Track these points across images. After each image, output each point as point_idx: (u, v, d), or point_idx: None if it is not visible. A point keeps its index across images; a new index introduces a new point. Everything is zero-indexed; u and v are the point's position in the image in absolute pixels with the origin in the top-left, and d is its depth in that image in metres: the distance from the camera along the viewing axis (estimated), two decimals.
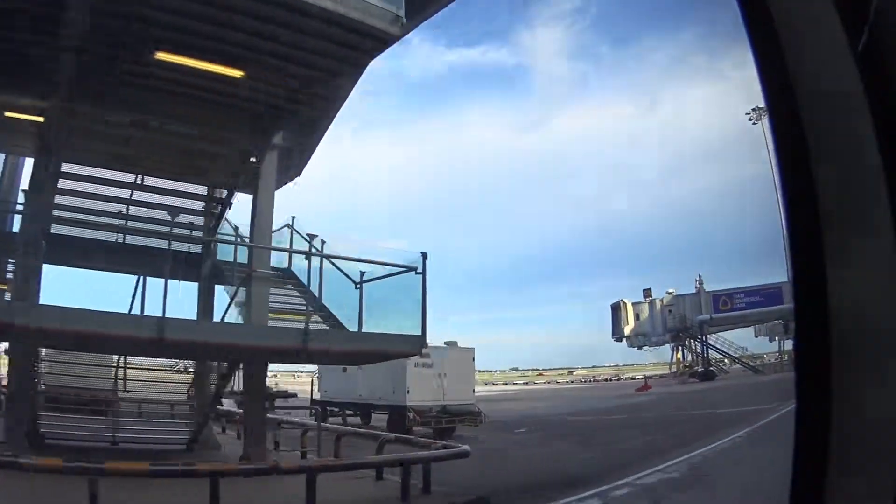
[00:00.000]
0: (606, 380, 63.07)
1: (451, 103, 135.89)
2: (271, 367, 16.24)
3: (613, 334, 48.94)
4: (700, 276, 48.82)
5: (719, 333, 51.29)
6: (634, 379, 61.54)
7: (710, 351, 51.27)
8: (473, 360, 21.54)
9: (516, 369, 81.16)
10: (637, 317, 48.85)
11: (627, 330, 48.47)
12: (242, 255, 11.23)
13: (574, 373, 72.63)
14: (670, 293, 49.19)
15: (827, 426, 1.41)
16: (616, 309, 48.89)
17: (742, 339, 55.16)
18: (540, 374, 79.10)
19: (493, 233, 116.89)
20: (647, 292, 49.21)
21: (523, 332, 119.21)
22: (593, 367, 71.16)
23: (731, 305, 48.41)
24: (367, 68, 10.08)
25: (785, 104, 1.44)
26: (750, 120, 50.13)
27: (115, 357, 12.83)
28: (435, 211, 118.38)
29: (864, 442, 1.39)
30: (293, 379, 38.23)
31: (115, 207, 12.01)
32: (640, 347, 50.41)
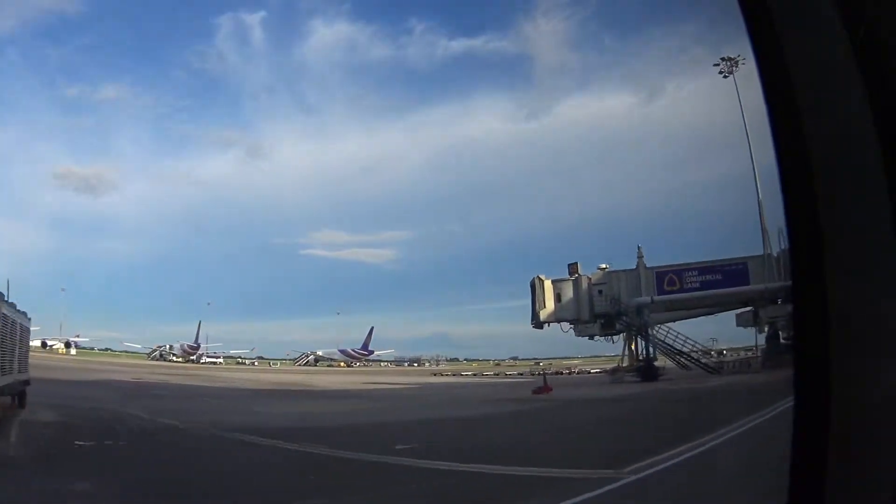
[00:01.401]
0: (569, 372, 56.95)
1: (453, 92, 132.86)
2: None
3: (532, 320, 38.01)
4: (640, 249, 37.89)
5: (671, 323, 40.59)
6: (590, 373, 54.15)
7: (654, 342, 40.52)
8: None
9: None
10: (558, 298, 37.92)
11: (545, 314, 37.56)
12: None
13: (541, 364, 66.95)
14: (603, 269, 38.22)
15: (826, 422, 1.42)
16: (533, 289, 37.94)
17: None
18: (497, 365, 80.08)
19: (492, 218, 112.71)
20: (572, 268, 38.22)
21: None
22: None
23: (679, 285, 37.40)
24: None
25: (783, 97, 1.46)
26: (721, 73, 39.75)
27: None
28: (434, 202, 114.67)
29: (863, 437, 1.41)
30: None
31: None
32: (591, 337, 39.25)
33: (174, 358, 72.24)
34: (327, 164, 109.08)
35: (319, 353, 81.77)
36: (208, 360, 72.93)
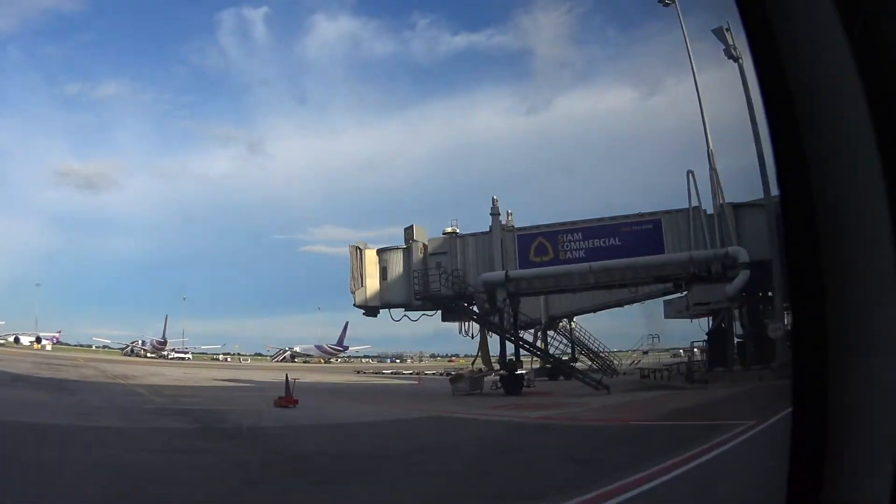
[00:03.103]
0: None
1: (455, 87, 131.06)
2: None
3: (355, 302, 27.97)
4: (495, 201, 26.28)
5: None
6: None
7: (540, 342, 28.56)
8: None
9: None
10: (384, 274, 27.51)
11: (363, 296, 27.33)
12: None
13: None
14: (448, 232, 27.17)
15: (823, 421, 1.43)
16: (352, 260, 27.88)
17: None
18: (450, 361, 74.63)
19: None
20: (408, 232, 27.53)
21: None
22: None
23: (552, 254, 25.32)
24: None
25: (780, 94, 1.46)
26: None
27: None
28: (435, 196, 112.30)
29: (861, 436, 1.40)
30: None
31: None
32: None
33: (143, 353, 70.93)
34: (328, 159, 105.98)
35: (296, 348, 77.16)
36: (176, 355, 70.82)
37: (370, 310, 28.05)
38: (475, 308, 26.05)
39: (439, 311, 26.54)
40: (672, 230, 24.97)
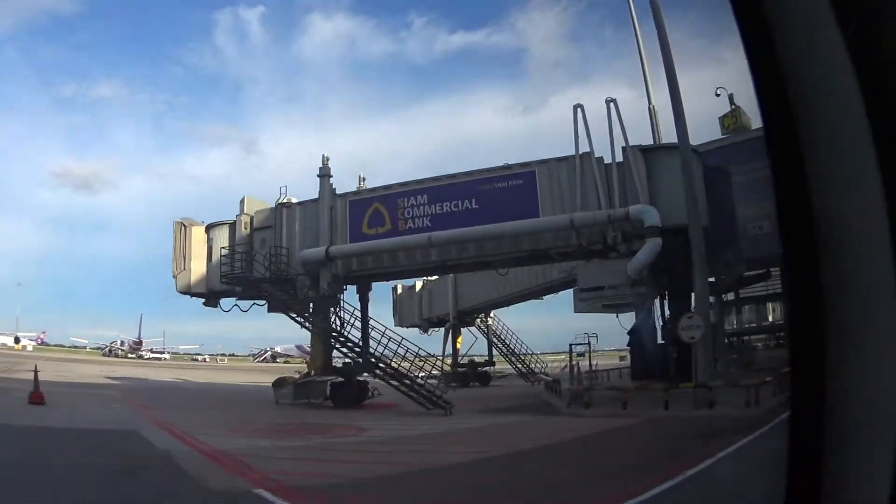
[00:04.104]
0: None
1: (451, 87, 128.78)
2: None
3: (177, 287, 23.11)
4: (325, 159, 20.68)
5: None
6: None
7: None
8: None
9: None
10: (210, 255, 22.43)
11: (186, 281, 22.41)
12: None
13: None
14: (286, 202, 21.79)
15: (822, 422, 1.43)
16: (176, 239, 22.98)
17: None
18: None
19: None
20: (242, 205, 22.31)
21: None
22: None
23: (390, 223, 19.44)
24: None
25: (775, 92, 1.44)
26: None
27: None
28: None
29: (860, 437, 1.40)
30: None
31: None
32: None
33: (121, 353, 69.92)
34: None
35: (277, 349, 74.03)
36: (152, 355, 69.36)
37: (201, 297, 23.19)
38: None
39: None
40: (552, 187, 18.52)
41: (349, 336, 19.14)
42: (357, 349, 19.08)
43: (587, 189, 17.95)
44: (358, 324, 19.76)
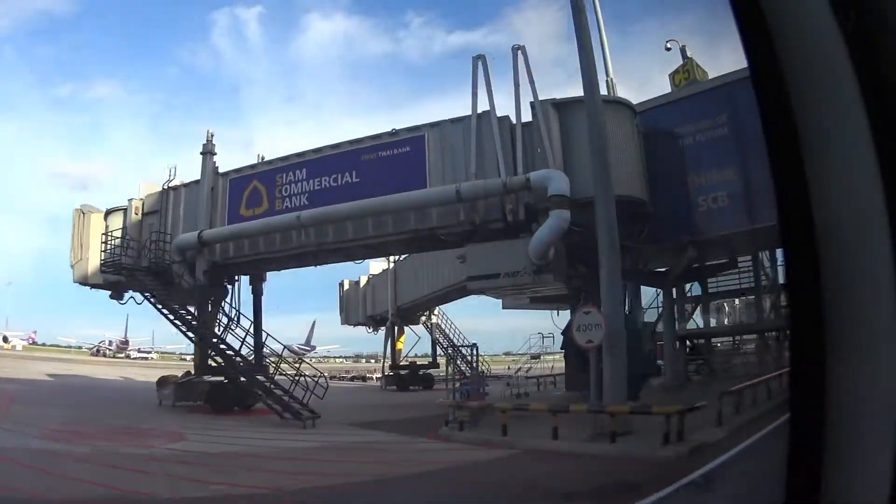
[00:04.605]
0: None
1: (448, 87, 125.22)
2: None
3: (74, 277, 21.49)
4: (210, 135, 18.44)
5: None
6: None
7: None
8: None
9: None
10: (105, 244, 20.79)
11: (81, 270, 20.86)
12: None
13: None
14: (177, 184, 19.78)
15: (822, 421, 1.41)
16: (74, 226, 21.40)
17: None
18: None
19: None
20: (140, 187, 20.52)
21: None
22: None
23: (268, 202, 17.02)
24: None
25: (773, 90, 1.43)
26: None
27: None
28: None
29: (860, 436, 1.38)
30: None
31: None
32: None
33: (109, 353, 71.00)
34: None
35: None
36: (139, 354, 69.90)
37: (101, 289, 21.58)
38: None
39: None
40: (444, 154, 15.56)
41: (222, 336, 16.87)
42: (231, 351, 16.78)
43: (484, 154, 14.87)
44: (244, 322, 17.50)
